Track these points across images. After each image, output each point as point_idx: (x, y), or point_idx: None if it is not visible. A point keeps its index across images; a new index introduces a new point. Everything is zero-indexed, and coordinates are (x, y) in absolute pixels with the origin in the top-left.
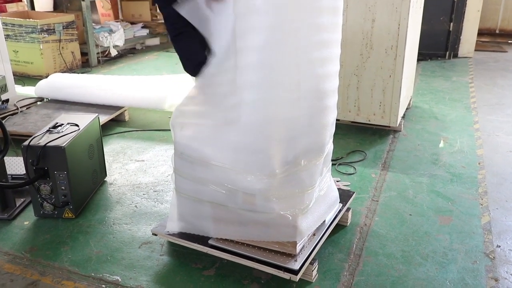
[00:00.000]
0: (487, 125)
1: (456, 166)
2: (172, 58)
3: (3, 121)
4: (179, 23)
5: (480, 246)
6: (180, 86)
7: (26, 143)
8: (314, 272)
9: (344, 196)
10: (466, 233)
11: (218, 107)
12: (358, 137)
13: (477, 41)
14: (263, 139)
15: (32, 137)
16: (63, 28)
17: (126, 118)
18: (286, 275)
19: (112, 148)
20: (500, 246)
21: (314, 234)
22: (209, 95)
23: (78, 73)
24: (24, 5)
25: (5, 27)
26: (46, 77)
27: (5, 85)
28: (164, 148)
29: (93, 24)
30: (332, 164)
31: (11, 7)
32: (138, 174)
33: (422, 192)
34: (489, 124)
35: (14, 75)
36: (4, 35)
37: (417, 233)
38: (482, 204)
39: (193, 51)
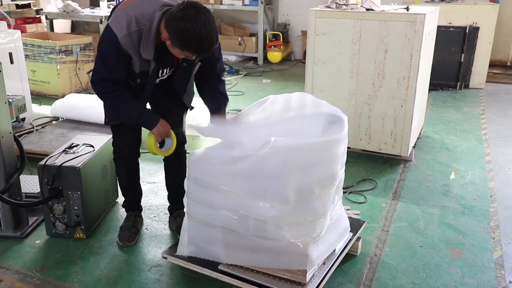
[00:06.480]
0: (499, 157)
1: (468, 198)
2: None
3: (19, 139)
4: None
5: (492, 281)
6: (192, 109)
7: (42, 162)
8: None
9: (355, 225)
10: (478, 267)
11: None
12: (369, 165)
13: (488, 72)
14: (277, 166)
15: (48, 156)
16: (80, 50)
17: None
18: None
19: None
20: None
21: (324, 263)
22: None
23: (93, 94)
24: (43, 26)
25: (24, 47)
26: (62, 96)
27: (24, 105)
28: None
29: None
30: (343, 192)
31: (30, 28)
32: (149, 196)
33: (433, 224)
34: (501, 156)
35: (31, 94)
36: (23, 55)
37: (427, 266)
38: (494, 238)
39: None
